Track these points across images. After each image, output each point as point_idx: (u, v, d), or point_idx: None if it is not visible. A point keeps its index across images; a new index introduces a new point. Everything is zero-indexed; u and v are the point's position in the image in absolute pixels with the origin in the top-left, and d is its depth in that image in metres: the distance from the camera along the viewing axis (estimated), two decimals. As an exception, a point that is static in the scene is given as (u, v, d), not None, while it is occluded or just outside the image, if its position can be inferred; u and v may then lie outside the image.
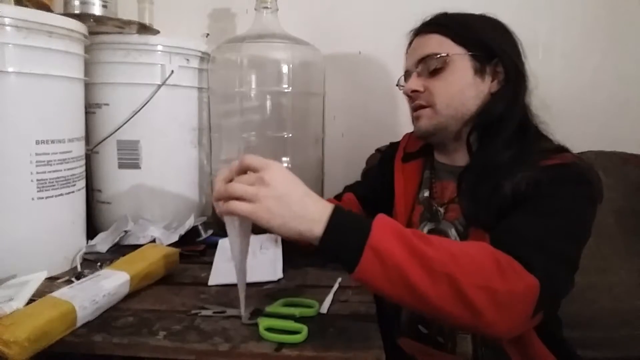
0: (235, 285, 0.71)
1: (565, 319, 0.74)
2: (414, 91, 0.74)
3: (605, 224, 0.94)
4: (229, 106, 1.02)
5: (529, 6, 1.11)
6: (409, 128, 0.91)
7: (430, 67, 0.72)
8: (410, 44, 0.78)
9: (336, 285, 0.70)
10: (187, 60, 0.95)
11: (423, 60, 0.73)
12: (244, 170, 0.54)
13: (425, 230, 0.75)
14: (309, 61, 1.01)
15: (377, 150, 1.08)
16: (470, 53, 0.71)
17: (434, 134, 0.75)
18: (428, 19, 0.76)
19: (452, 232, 0.72)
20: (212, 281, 0.72)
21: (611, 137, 1.08)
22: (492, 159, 0.67)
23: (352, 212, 0.53)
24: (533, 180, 0.61)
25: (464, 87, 0.71)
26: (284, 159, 1.01)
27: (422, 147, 0.83)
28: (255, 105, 1.00)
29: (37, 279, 0.68)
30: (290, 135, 0.99)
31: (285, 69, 0.97)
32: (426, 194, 0.79)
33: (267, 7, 0.96)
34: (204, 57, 1.00)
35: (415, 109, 0.76)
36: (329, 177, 1.08)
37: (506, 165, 0.65)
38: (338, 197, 0.92)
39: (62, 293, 0.59)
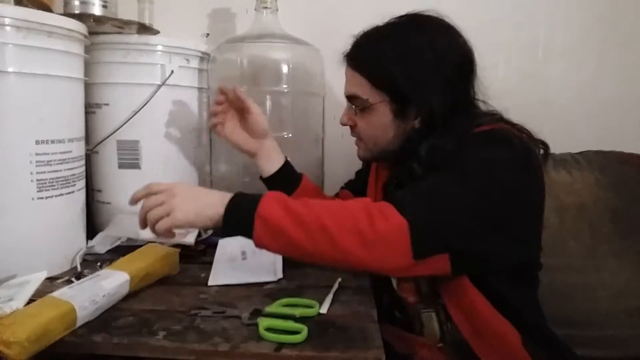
0: (235, 285, 0.72)
1: (561, 318, 0.74)
2: (345, 124, 0.79)
3: (602, 223, 0.94)
4: (229, 106, 1.02)
5: (528, 6, 1.11)
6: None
7: (356, 106, 0.76)
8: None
9: (336, 285, 0.70)
10: (187, 60, 0.95)
11: (350, 97, 0.77)
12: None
13: None
14: (309, 61, 1.01)
15: None
16: (387, 99, 0.72)
17: (371, 160, 0.83)
18: (350, 49, 0.76)
19: None
20: (212, 281, 0.72)
21: (610, 137, 1.08)
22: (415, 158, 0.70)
23: (251, 194, 0.61)
24: (444, 146, 0.65)
25: (385, 129, 0.74)
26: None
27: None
28: (255, 105, 1.00)
29: (37, 279, 0.68)
30: (290, 135, 0.99)
31: (285, 69, 0.97)
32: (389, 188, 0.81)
33: (267, 7, 0.96)
34: (204, 57, 1.00)
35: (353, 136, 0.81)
36: (329, 177, 1.08)
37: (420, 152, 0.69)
38: (335, 196, 0.95)
39: (62, 293, 0.59)
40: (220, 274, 0.74)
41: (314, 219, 0.57)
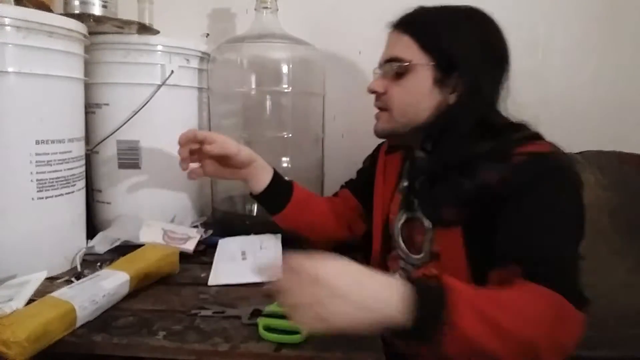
0: (235, 285, 0.72)
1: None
2: (374, 91, 0.75)
3: (602, 224, 0.94)
4: (229, 106, 1.02)
5: (528, 6, 1.11)
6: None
7: (393, 71, 0.72)
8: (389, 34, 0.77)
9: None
10: (187, 60, 0.95)
11: (389, 61, 0.73)
12: None
13: (404, 217, 0.76)
14: (309, 61, 1.01)
15: None
16: (432, 63, 0.69)
17: (389, 136, 0.79)
18: (405, 15, 0.74)
19: (426, 222, 0.72)
20: (212, 281, 0.72)
21: (610, 137, 1.08)
22: (446, 158, 0.68)
23: (431, 286, 0.49)
24: (509, 172, 0.61)
25: (420, 98, 0.71)
26: (284, 158, 1.01)
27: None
28: (255, 105, 1.00)
29: (37, 279, 0.68)
30: (290, 135, 0.99)
31: (285, 69, 0.97)
32: (405, 184, 0.79)
33: (267, 7, 0.96)
34: (204, 57, 1.00)
35: (376, 107, 0.77)
36: (329, 177, 1.08)
37: (464, 162, 0.65)
38: (334, 195, 0.93)
39: (62, 293, 0.59)
40: (220, 274, 0.74)
41: (514, 329, 0.49)
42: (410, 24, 0.72)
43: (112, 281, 0.63)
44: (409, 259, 0.75)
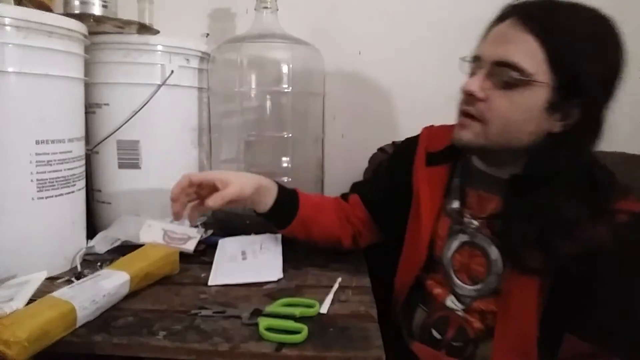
0: (235, 285, 0.72)
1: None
2: (471, 94, 0.61)
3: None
4: (229, 106, 1.02)
5: (529, 6, 1.11)
6: (409, 128, 0.91)
7: (504, 78, 0.58)
8: (500, 19, 0.62)
9: (336, 285, 0.70)
10: (187, 60, 0.95)
11: (502, 65, 0.58)
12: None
13: (457, 243, 0.70)
14: (309, 61, 1.01)
15: (380, 149, 1.08)
16: (554, 84, 0.57)
17: (474, 150, 0.67)
18: (534, 3, 0.60)
19: (493, 249, 0.66)
20: (212, 281, 0.72)
21: (610, 137, 1.07)
22: (547, 206, 0.58)
23: None
24: (610, 234, 0.55)
25: (527, 119, 0.59)
26: (284, 158, 1.01)
27: (448, 146, 0.72)
28: (255, 105, 1.00)
29: (37, 279, 0.68)
30: (290, 135, 0.99)
31: (285, 69, 0.97)
32: (455, 205, 0.71)
33: (267, 7, 0.96)
34: (204, 57, 1.00)
35: (463, 113, 0.64)
36: (329, 177, 1.08)
37: (564, 217, 0.57)
38: (345, 197, 0.85)
39: (62, 293, 0.59)
40: (220, 274, 0.74)
41: None
42: (542, 24, 0.57)
43: (112, 281, 0.63)
44: (461, 288, 0.69)
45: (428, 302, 0.73)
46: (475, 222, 0.68)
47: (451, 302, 0.70)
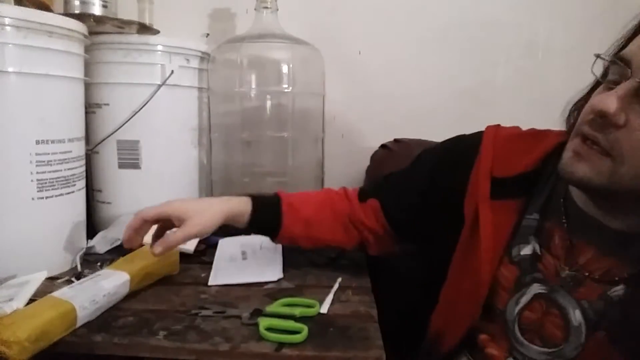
0: (235, 285, 0.72)
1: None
2: (604, 116, 0.45)
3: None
4: (229, 106, 1.02)
5: (529, 6, 1.11)
6: (409, 128, 0.91)
7: None
8: None
9: (336, 285, 0.70)
10: (187, 60, 0.95)
11: None
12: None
13: (527, 297, 0.56)
14: (309, 61, 1.01)
15: (382, 146, 1.08)
16: None
17: (591, 189, 0.50)
18: None
19: (577, 314, 0.52)
20: (212, 281, 0.72)
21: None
22: None
23: None
24: None
25: None
26: (284, 158, 1.01)
27: (525, 173, 0.57)
28: (255, 105, 1.00)
29: (37, 279, 0.68)
30: (290, 135, 0.99)
31: (285, 69, 0.97)
32: (528, 249, 0.56)
33: (267, 7, 0.96)
34: (204, 57, 0.99)
35: (585, 138, 0.48)
36: (329, 177, 1.08)
37: None
38: (363, 195, 0.72)
39: (62, 293, 0.59)
40: (220, 274, 0.74)
41: None
42: None
43: (113, 281, 0.63)
44: (529, 350, 0.55)
45: (477, 357, 0.60)
46: (576, 275, 0.53)
47: None
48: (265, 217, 0.70)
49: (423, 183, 0.67)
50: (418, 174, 0.69)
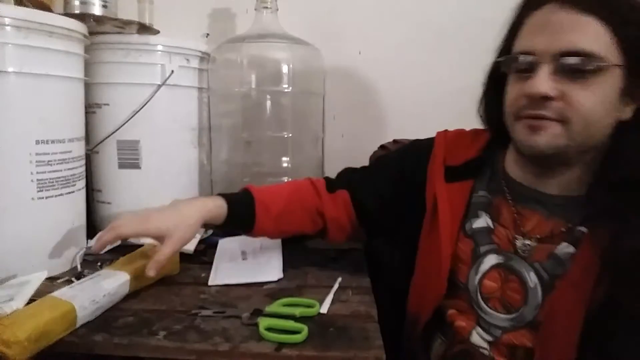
0: (235, 285, 0.71)
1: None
2: (543, 96, 0.54)
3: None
4: (229, 106, 1.02)
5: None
6: (409, 128, 0.91)
7: (575, 68, 0.52)
8: (529, 12, 0.57)
9: (336, 285, 0.70)
10: (187, 60, 0.95)
11: (566, 55, 0.52)
12: None
13: (486, 267, 0.62)
14: (309, 61, 1.01)
15: (381, 146, 1.08)
16: (625, 65, 0.53)
17: (550, 157, 0.57)
18: None
19: (532, 276, 0.59)
20: (212, 281, 0.72)
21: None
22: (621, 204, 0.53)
23: None
24: None
25: (608, 109, 0.54)
26: (284, 158, 1.01)
27: (472, 159, 0.67)
28: (255, 105, 1.00)
29: (37, 279, 0.68)
30: (290, 135, 0.99)
31: (285, 68, 0.97)
32: (481, 223, 0.64)
33: (267, 7, 0.96)
34: (204, 57, 1.00)
35: (534, 116, 0.56)
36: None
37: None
38: (330, 185, 0.77)
39: (62, 293, 0.59)
40: (220, 274, 0.74)
41: None
42: (602, 3, 0.52)
43: (113, 281, 0.63)
44: (492, 317, 0.61)
45: (448, 333, 0.66)
46: (528, 243, 0.61)
47: (477, 336, 0.62)
48: (240, 218, 0.73)
49: (394, 174, 0.75)
50: (388, 167, 0.77)
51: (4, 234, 0.69)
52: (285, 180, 0.98)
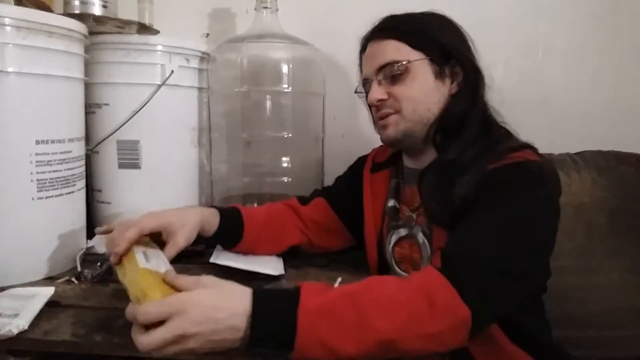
0: (235, 269, 0.71)
1: (557, 319, 0.73)
2: (380, 100, 0.73)
3: (598, 224, 0.93)
4: (229, 106, 1.02)
5: (529, 6, 1.11)
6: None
7: (391, 74, 0.71)
8: (363, 49, 0.78)
9: (336, 285, 0.70)
10: (187, 60, 0.95)
11: (382, 68, 0.72)
12: None
13: (394, 238, 0.77)
14: (309, 61, 1.01)
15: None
16: (428, 57, 0.71)
17: (402, 140, 0.74)
18: (380, 23, 0.76)
19: (420, 235, 0.73)
20: (214, 259, 0.73)
21: (610, 137, 1.08)
22: (453, 157, 0.67)
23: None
24: (482, 182, 0.61)
25: (427, 92, 0.71)
26: (284, 158, 1.01)
27: (390, 156, 0.83)
28: (255, 105, 1.00)
29: (43, 295, 0.64)
30: (290, 135, 0.99)
31: (285, 69, 0.97)
32: (391, 203, 0.79)
33: (267, 7, 0.96)
34: (204, 57, 1.00)
35: (381, 117, 0.74)
36: (329, 177, 1.08)
37: (466, 164, 0.65)
38: (303, 200, 0.87)
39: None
40: (222, 256, 0.75)
41: (375, 330, 0.48)
42: (392, 30, 0.73)
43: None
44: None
45: None
46: (413, 215, 0.75)
47: None
48: (231, 225, 0.78)
49: (343, 185, 0.89)
50: (346, 175, 0.92)
51: (4, 234, 0.69)
52: (285, 181, 0.98)
